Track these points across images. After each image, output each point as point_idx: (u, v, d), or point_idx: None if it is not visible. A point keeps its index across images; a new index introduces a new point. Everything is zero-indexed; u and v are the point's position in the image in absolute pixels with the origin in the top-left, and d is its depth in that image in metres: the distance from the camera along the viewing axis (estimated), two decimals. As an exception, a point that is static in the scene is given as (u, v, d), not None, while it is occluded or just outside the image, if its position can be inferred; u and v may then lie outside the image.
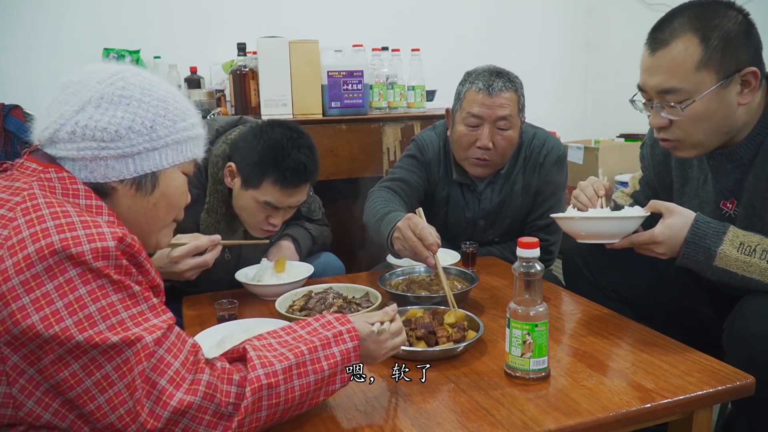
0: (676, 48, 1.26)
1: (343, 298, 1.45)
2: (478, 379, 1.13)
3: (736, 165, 1.35)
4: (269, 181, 1.56)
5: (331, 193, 2.61)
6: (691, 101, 1.26)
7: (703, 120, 1.28)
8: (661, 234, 1.27)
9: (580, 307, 1.49)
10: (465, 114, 1.84)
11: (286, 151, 1.54)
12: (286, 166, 1.54)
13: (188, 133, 0.99)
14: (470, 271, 1.63)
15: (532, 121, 2.06)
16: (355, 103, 2.59)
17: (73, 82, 0.93)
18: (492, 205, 1.98)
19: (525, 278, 1.09)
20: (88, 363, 0.78)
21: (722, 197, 1.39)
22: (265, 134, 1.57)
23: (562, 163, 1.98)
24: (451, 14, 3.42)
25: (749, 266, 1.21)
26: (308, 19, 3.10)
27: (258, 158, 1.55)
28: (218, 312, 1.42)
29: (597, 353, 1.22)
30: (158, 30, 2.90)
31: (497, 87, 1.81)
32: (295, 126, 1.63)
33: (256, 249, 1.80)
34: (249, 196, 1.59)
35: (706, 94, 1.25)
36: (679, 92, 1.27)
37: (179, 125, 0.98)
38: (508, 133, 1.83)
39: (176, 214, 1.06)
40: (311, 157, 1.60)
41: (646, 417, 1.02)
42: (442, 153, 2.01)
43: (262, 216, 1.62)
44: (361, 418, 1.01)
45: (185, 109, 1.00)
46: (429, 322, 1.27)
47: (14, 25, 2.71)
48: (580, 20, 3.76)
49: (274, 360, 0.90)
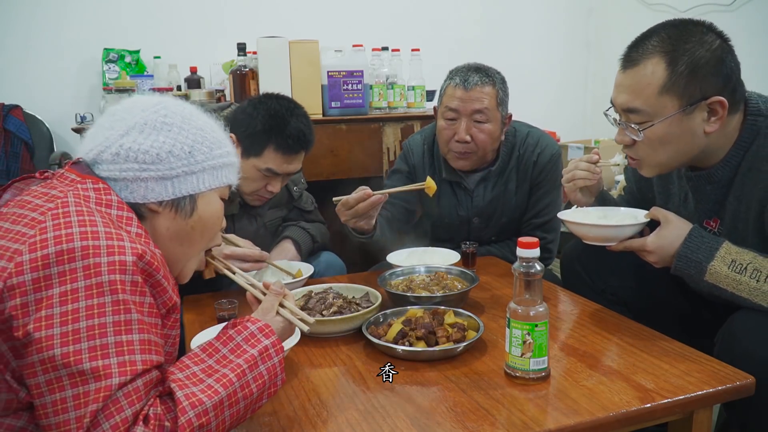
0: (643, 69, 1.25)
1: (343, 298, 1.45)
2: (478, 379, 1.13)
3: (716, 186, 1.35)
4: (271, 148, 1.66)
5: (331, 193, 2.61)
6: (650, 124, 1.26)
7: (663, 143, 1.27)
8: (652, 244, 1.28)
9: (579, 307, 1.49)
10: (444, 108, 1.90)
11: (286, 119, 1.66)
12: (288, 133, 1.65)
13: (224, 159, 1.04)
14: (470, 271, 1.63)
15: (532, 121, 2.06)
16: (355, 103, 2.59)
17: (118, 110, 0.99)
18: (485, 202, 1.98)
19: (525, 278, 1.09)
20: (53, 380, 0.78)
21: (705, 216, 1.40)
22: (264, 104, 1.68)
23: (557, 162, 1.98)
24: (451, 14, 3.43)
25: (739, 284, 1.20)
26: (308, 19, 3.10)
27: (261, 127, 1.65)
28: (218, 312, 1.42)
29: (597, 353, 1.22)
30: (158, 30, 2.90)
31: (473, 81, 1.84)
32: (289, 97, 1.76)
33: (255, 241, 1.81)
34: (250, 164, 1.67)
35: (666, 119, 1.24)
36: (641, 113, 1.27)
37: (215, 152, 1.02)
38: (485, 126, 1.85)
39: (210, 240, 1.08)
40: (308, 125, 1.72)
41: (646, 417, 1.02)
42: (427, 155, 2.04)
43: (261, 184, 1.71)
44: (361, 418, 1.01)
45: (221, 138, 1.05)
46: (429, 322, 1.27)
47: (14, 25, 2.71)
48: (580, 20, 3.76)
49: (203, 397, 0.85)
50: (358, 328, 1.34)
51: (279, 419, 1.03)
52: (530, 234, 1.95)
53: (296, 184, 1.96)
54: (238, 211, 1.80)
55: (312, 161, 2.54)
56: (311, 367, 1.22)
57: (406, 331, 1.25)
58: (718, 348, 1.22)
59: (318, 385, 1.14)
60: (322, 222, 2.06)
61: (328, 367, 1.21)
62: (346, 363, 1.22)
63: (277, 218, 1.94)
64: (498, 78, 1.89)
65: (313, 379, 1.16)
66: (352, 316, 1.33)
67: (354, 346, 1.30)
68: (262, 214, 1.87)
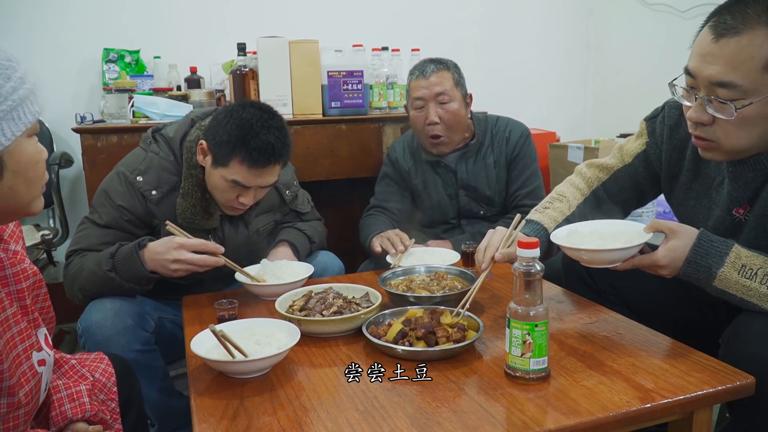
0: (746, 39, 1.11)
1: (343, 298, 1.45)
2: (478, 379, 1.13)
3: (758, 174, 1.27)
4: (237, 160, 1.58)
5: (331, 193, 2.62)
6: (748, 102, 1.13)
7: (751, 125, 1.16)
8: (663, 258, 1.23)
9: (579, 307, 1.49)
10: (411, 100, 2.13)
11: (255, 131, 1.57)
12: (254, 146, 1.56)
13: (18, 93, 0.85)
14: (470, 271, 1.63)
15: (532, 121, 2.10)
16: (355, 103, 2.59)
17: None
18: (468, 175, 2.17)
19: (525, 278, 1.09)
20: None
21: (736, 204, 1.33)
22: (236, 114, 1.60)
23: (527, 138, 2.19)
24: (451, 14, 3.42)
25: (749, 290, 1.17)
26: (308, 19, 3.10)
27: (227, 137, 1.58)
28: (218, 312, 1.42)
29: (597, 353, 1.22)
30: (158, 30, 2.90)
31: (429, 69, 2.09)
32: (267, 107, 1.66)
33: (248, 239, 1.82)
34: (218, 174, 1.61)
35: (764, 98, 1.13)
36: (736, 89, 1.13)
37: (4, 89, 0.83)
38: (449, 106, 2.07)
39: (40, 183, 0.92)
40: (281, 138, 1.61)
41: (646, 417, 1.02)
42: (407, 148, 2.26)
43: (232, 195, 1.64)
44: (360, 418, 1.01)
45: (6, 63, 0.85)
46: (429, 322, 1.27)
47: (14, 25, 2.71)
48: (580, 20, 3.76)
49: None
50: (358, 328, 1.34)
51: (279, 419, 1.03)
52: (520, 204, 2.12)
53: (288, 188, 1.91)
54: (218, 224, 1.74)
55: (312, 161, 2.55)
56: (311, 367, 1.22)
57: (406, 331, 1.25)
58: (723, 350, 1.21)
59: (318, 385, 1.14)
60: (318, 219, 2.05)
61: (328, 367, 1.21)
62: (346, 363, 1.22)
63: (270, 223, 1.88)
64: (451, 64, 2.14)
65: (313, 379, 1.16)
66: (352, 316, 1.33)
67: (354, 346, 1.30)
68: (248, 222, 1.81)
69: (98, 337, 1.49)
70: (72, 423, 1.09)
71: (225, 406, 1.07)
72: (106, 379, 1.19)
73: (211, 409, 1.07)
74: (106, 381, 1.19)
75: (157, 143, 1.71)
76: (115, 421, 1.18)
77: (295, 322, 1.31)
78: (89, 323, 1.51)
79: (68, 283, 1.61)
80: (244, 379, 1.17)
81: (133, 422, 1.28)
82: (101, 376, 1.19)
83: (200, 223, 1.68)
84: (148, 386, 1.55)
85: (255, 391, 1.12)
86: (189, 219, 1.66)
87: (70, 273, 1.60)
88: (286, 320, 1.34)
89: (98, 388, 1.17)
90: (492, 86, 3.42)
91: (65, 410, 1.08)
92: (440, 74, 2.07)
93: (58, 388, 1.10)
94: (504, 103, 3.14)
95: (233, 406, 1.07)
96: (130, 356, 1.47)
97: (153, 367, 1.59)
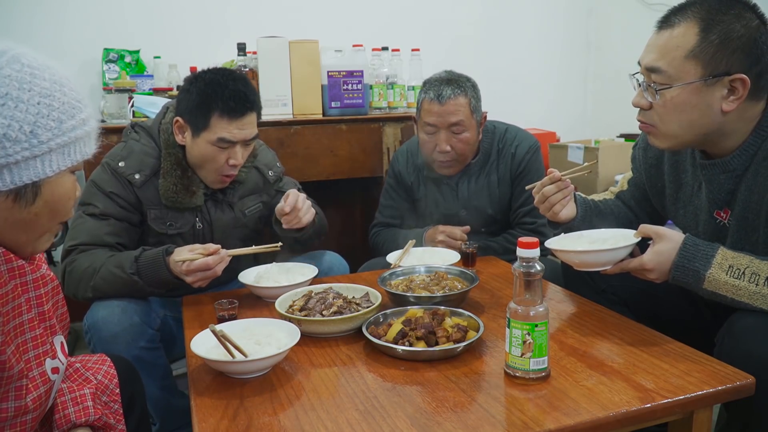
0: (676, 31, 1.25)
1: (343, 298, 1.45)
2: (478, 379, 1.13)
3: (730, 176, 1.33)
4: (216, 116, 1.61)
5: (331, 193, 2.62)
6: (668, 87, 1.26)
7: (678, 111, 1.27)
8: (650, 261, 1.27)
9: (579, 307, 1.49)
10: (423, 123, 2.00)
11: (222, 84, 1.62)
12: (228, 95, 1.61)
13: (77, 132, 0.87)
14: (470, 271, 1.63)
15: (532, 122, 2.09)
16: (355, 103, 2.60)
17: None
18: (470, 194, 2.08)
19: (525, 278, 1.09)
20: None
21: (716, 206, 1.38)
22: (200, 78, 1.65)
23: (536, 153, 2.08)
24: (450, 14, 3.42)
25: (738, 290, 1.19)
26: (308, 19, 3.10)
27: (198, 99, 1.61)
28: (218, 312, 1.41)
29: (597, 353, 1.22)
30: (158, 30, 2.90)
31: (446, 95, 1.93)
32: (226, 68, 1.71)
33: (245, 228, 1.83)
34: (202, 140, 1.63)
35: (685, 85, 1.24)
36: (663, 74, 1.26)
37: (66, 124, 0.85)
38: (463, 136, 1.96)
39: (62, 219, 0.95)
40: (248, 86, 1.67)
41: (646, 417, 1.02)
42: (410, 160, 2.17)
43: (222, 159, 1.66)
44: (360, 418, 1.01)
45: (75, 102, 0.87)
46: (429, 322, 1.27)
47: (14, 25, 2.71)
48: (580, 20, 3.76)
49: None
50: (358, 328, 1.34)
51: (279, 419, 1.03)
52: (520, 221, 2.05)
53: (271, 168, 1.90)
54: (203, 202, 1.74)
55: (312, 161, 2.55)
56: (311, 367, 1.22)
57: (406, 331, 1.25)
58: (717, 348, 1.22)
59: (318, 385, 1.14)
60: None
61: (328, 367, 1.21)
62: (346, 363, 1.22)
63: (256, 205, 1.86)
64: (468, 86, 1.98)
65: (313, 379, 1.16)
66: (352, 316, 1.33)
67: (354, 346, 1.30)
68: (233, 203, 1.80)
69: (104, 334, 1.48)
70: (75, 427, 1.08)
71: (225, 406, 1.07)
72: (108, 381, 1.19)
73: (211, 409, 1.07)
74: (108, 383, 1.19)
75: (137, 133, 1.75)
76: (118, 422, 1.17)
77: (295, 322, 1.31)
78: (96, 320, 1.50)
79: (73, 280, 1.58)
80: (244, 379, 1.17)
81: (136, 422, 1.28)
82: (104, 377, 1.19)
83: (183, 201, 1.69)
84: (151, 384, 1.54)
85: (255, 391, 1.12)
86: (172, 198, 1.68)
87: (75, 270, 1.58)
88: (286, 320, 1.34)
89: (101, 390, 1.17)
90: (492, 86, 3.41)
91: (69, 414, 1.08)
92: (457, 101, 1.93)
93: (62, 392, 1.10)
94: (504, 103, 3.14)
95: (233, 406, 1.07)
96: (135, 353, 1.47)
97: (157, 364, 1.59)
